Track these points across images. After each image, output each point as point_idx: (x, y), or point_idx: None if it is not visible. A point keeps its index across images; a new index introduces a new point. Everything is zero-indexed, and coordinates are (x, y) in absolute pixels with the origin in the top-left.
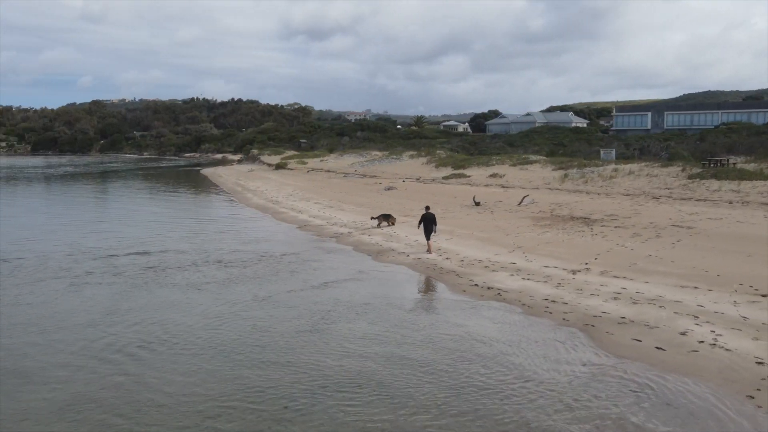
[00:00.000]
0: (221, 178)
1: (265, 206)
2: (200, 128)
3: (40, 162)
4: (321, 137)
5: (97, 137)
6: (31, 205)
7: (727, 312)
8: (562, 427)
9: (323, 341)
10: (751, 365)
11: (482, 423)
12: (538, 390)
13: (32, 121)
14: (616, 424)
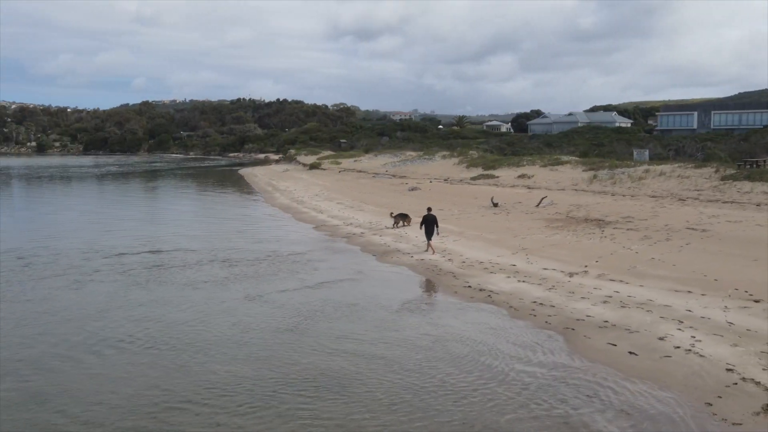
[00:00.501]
0: (255, 178)
1: (288, 206)
2: (244, 128)
3: (88, 162)
4: (361, 137)
5: (145, 137)
6: (65, 203)
7: (714, 317)
8: (507, 429)
9: (298, 340)
10: (719, 372)
11: (426, 423)
12: (498, 391)
13: (85, 122)
14: (566, 427)
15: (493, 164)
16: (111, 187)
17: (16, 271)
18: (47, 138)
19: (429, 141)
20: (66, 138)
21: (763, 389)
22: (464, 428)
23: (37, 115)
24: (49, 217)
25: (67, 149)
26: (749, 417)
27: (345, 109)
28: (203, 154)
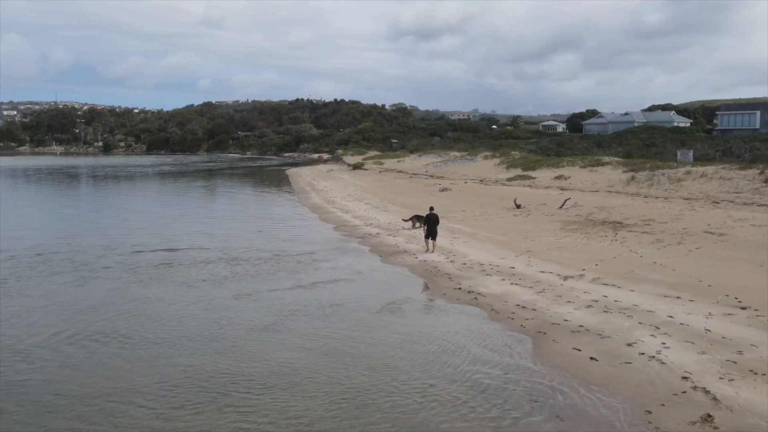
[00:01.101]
0: (299, 178)
1: (318, 206)
2: (300, 128)
3: (146, 161)
4: (412, 137)
5: (204, 137)
6: (105, 201)
7: (693, 324)
8: (434, 429)
9: (268, 337)
10: (674, 380)
11: (354, 422)
12: (442, 393)
13: (149, 123)
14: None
15: (533, 165)
16: (155, 186)
17: (31, 266)
18: (113, 138)
19: (479, 141)
20: (131, 138)
21: (710, 398)
22: (390, 428)
23: (104, 116)
24: (85, 215)
25: (131, 149)
26: (685, 426)
27: (401, 109)
28: (259, 154)
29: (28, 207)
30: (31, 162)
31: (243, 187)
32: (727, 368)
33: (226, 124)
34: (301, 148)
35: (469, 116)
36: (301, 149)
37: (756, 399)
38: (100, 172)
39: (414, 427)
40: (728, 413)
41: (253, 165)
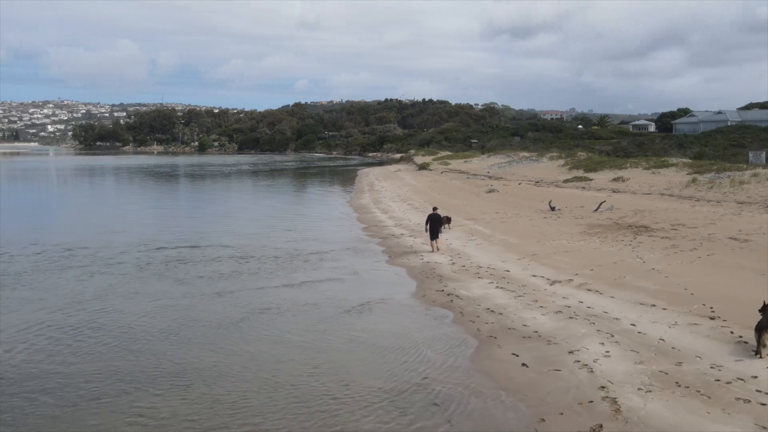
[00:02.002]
0: (365, 178)
1: (363, 206)
2: (384, 128)
3: (232, 160)
4: (493, 137)
5: (293, 137)
6: (161, 198)
7: (650, 333)
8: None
9: (222, 335)
10: (590, 389)
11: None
12: (354, 394)
13: (242, 123)
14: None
15: (595, 167)
16: (218, 185)
17: (53, 260)
18: (208, 138)
19: (559, 142)
20: (224, 138)
21: (613, 409)
22: (274, 425)
23: (202, 116)
24: (133, 213)
25: (224, 148)
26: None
27: (490, 108)
28: (344, 154)
29: (93, 204)
30: (125, 161)
31: (305, 186)
32: (654, 379)
33: (315, 125)
34: (385, 148)
35: (562, 116)
36: (385, 149)
37: (659, 411)
38: (179, 170)
39: (297, 425)
40: (622, 425)
41: (333, 164)
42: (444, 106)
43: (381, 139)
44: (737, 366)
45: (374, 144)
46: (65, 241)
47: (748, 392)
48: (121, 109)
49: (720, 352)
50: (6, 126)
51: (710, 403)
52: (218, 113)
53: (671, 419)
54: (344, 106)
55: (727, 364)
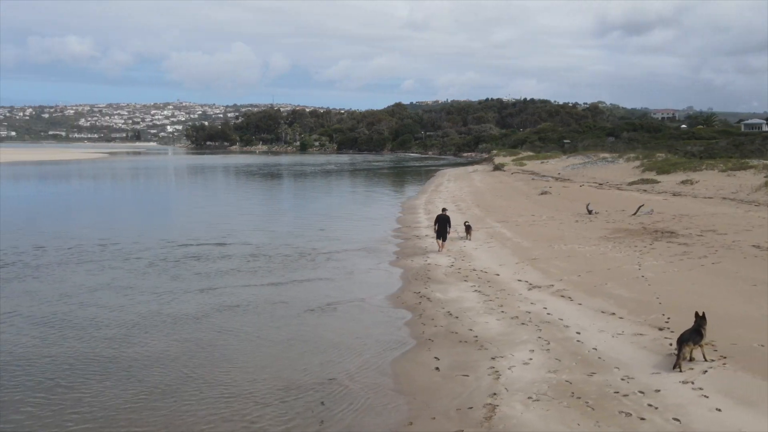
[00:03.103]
0: (440, 178)
1: (412, 207)
2: (480, 128)
3: (323, 159)
4: (587, 138)
5: (390, 137)
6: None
7: (588, 342)
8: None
9: (176, 328)
10: (479, 396)
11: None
12: (254, 390)
13: (343, 123)
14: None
15: (669, 168)
16: (292, 184)
17: (79, 254)
18: (309, 138)
19: (656, 142)
20: (324, 138)
21: (485, 417)
22: (159, 420)
23: (305, 117)
24: (191, 211)
25: (324, 148)
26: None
27: (593, 108)
28: (439, 154)
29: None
30: (222, 160)
31: (375, 186)
32: (552, 389)
33: (413, 125)
34: (480, 148)
35: (674, 115)
36: (480, 149)
37: (530, 421)
38: (266, 169)
39: (178, 415)
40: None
41: (420, 164)
42: (544, 106)
43: (476, 139)
44: (649, 379)
45: (469, 144)
46: (104, 236)
47: (638, 406)
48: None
49: (644, 364)
50: (130, 127)
51: (589, 415)
52: (321, 113)
53: (538, 429)
54: (444, 106)
55: (641, 376)
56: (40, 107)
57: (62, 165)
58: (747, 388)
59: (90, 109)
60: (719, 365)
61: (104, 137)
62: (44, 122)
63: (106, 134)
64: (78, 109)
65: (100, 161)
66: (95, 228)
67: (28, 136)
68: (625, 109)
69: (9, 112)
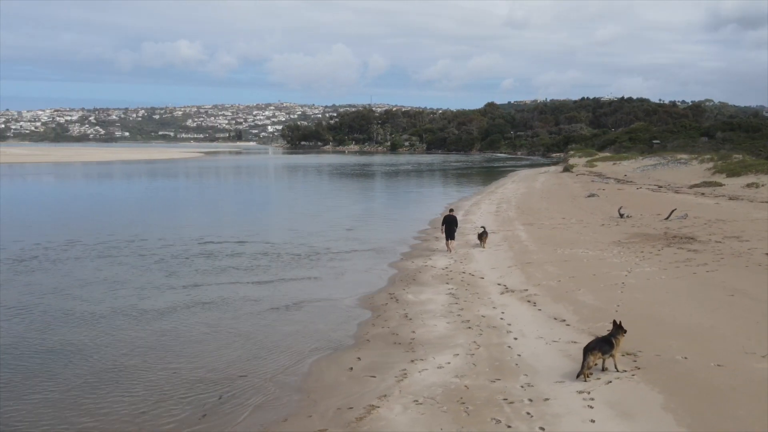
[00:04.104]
0: (507, 179)
1: (455, 208)
2: (571, 128)
3: (404, 159)
4: (679, 137)
5: (479, 137)
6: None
7: (517, 348)
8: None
9: (135, 321)
10: (369, 396)
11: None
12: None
13: (435, 123)
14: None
15: (740, 170)
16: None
17: (104, 249)
18: (399, 138)
19: (754, 142)
20: (415, 138)
21: (357, 418)
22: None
23: (398, 117)
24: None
25: (413, 148)
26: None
27: (695, 106)
28: (527, 154)
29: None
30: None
31: (435, 186)
32: (444, 394)
33: (503, 124)
34: (569, 148)
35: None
36: (569, 149)
37: (399, 423)
38: (342, 169)
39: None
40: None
41: (502, 165)
42: (641, 105)
43: (566, 139)
44: (549, 387)
45: (558, 144)
46: (137, 233)
47: (515, 414)
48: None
49: (556, 372)
50: (233, 127)
51: (458, 421)
52: (414, 113)
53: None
54: (537, 105)
55: (544, 384)
56: (151, 108)
57: (155, 164)
58: (636, 400)
59: (197, 110)
60: (628, 376)
61: (209, 137)
62: (155, 123)
63: (211, 134)
64: (186, 110)
65: (192, 160)
66: (133, 225)
67: (140, 136)
68: (735, 107)
69: (123, 113)
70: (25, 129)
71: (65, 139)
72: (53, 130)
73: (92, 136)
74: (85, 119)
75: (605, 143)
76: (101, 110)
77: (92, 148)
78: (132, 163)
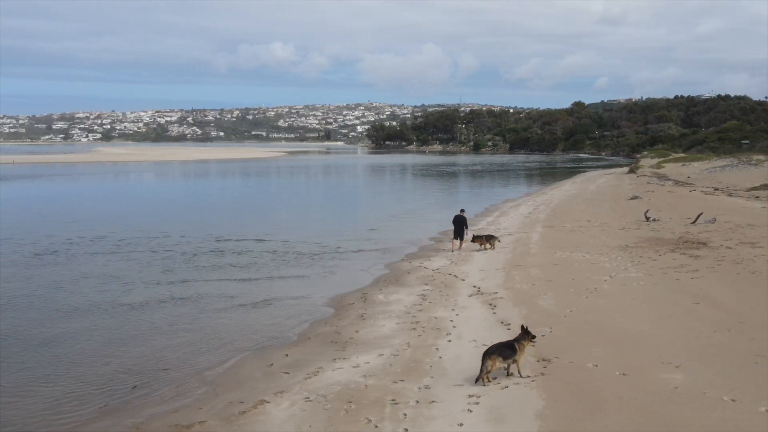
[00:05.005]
0: (569, 180)
1: (492, 209)
2: (658, 128)
3: (481, 159)
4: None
5: (562, 137)
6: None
7: (443, 351)
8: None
9: (106, 313)
10: (264, 391)
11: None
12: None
13: (520, 123)
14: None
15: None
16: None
17: (121, 245)
18: (482, 138)
19: None
20: (498, 138)
21: (240, 412)
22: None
23: (483, 117)
24: (284, 208)
25: (496, 148)
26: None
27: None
28: (611, 154)
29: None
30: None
31: (490, 187)
32: (339, 393)
33: (589, 124)
34: (655, 148)
35: None
36: (654, 150)
37: (275, 419)
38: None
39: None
40: (223, 424)
41: (578, 165)
42: (738, 103)
43: (652, 139)
44: (446, 389)
45: (644, 144)
46: (166, 229)
47: (392, 415)
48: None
49: (463, 376)
50: (323, 127)
51: (332, 419)
52: (499, 113)
53: (271, 426)
54: (626, 104)
55: (442, 387)
56: (245, 109)
57: (235, 163)
58: (517, 406)
59: (288, 111)
60: (527, 382)
61: (299, 137)
62: (248, 123)
63: (301, 134)
64: (278, 111)
65: (272, 160)
66: (168, 222)
67: (234, 136)
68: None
69: (219, 114)
70: (128, 129)
71: (164, 138)
72: (154, 131)
73: (189, 136)
74: (183, 120)
75: (692, 143)
76: (198, 111)
77: (185, 148)
78: (213, 163)
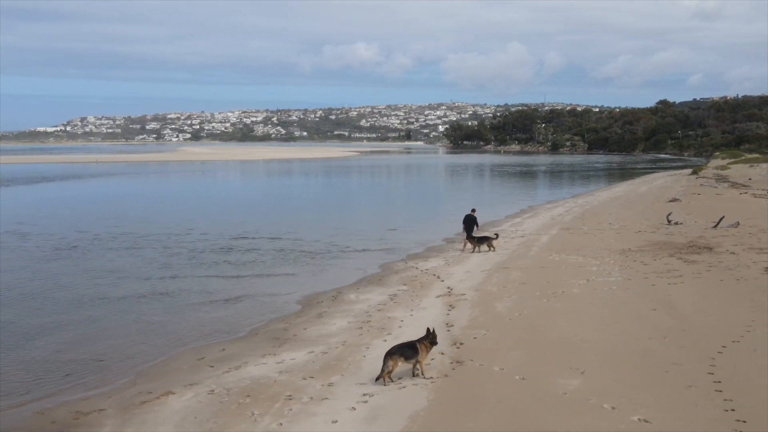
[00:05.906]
0: (625, 182)
1: (525, 211)
2: (745, 127)
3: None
4: None
5: (643, 137)
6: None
7: (371, 350)
8: None
9: (85, 305)
10: (180, 384)
11: None
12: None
13: (600, 122)
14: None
15: None
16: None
17: (141, 240)
18: (561, 138)
19: None
20: (577, 138)
21: (141, 402)
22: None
23: (563, 116)
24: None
25: (575, 148)
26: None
27: None
28: (694, 155)
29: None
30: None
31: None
32: (247, 387)
33: (673, 123)
34: (741, 148)
35: None
36: (740, 150)
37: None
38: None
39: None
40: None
41: (652, 166)
42: None
43: (738, 139)
44: (346, 387)
45: (729, 144)
46: (193, 226)
47: (278, 409)
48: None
49: (371, 377)
50: (404, 126)
51: (222, 412)
52: (579, 112)
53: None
54: (714, 103)
55: (345, 385)
56: (328, 109)
57: (308, 162)
58: (400, 406)
59: (371, 111)
60: (426, 383)
61: (380, 136)
62: (331, 123)
63: (383, 134)
64: (360, 111)
65: (344, 159)
66: (196, 220)
67: (317, 135)
68: None
69: (303, 114)
70: (216, 129)
71: (250, 138)
72: (240, 131)
73: (274, 136)
74: (268, 120)
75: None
76: (282, 111)
77: (265, 148)
78: (285, 162)
